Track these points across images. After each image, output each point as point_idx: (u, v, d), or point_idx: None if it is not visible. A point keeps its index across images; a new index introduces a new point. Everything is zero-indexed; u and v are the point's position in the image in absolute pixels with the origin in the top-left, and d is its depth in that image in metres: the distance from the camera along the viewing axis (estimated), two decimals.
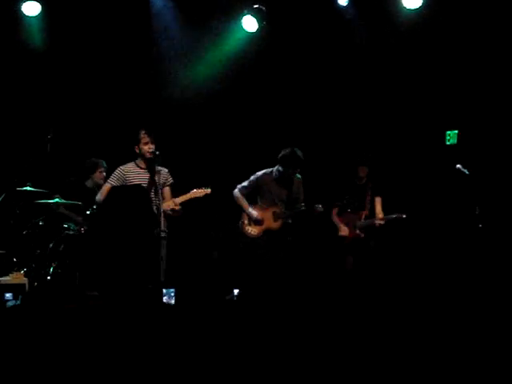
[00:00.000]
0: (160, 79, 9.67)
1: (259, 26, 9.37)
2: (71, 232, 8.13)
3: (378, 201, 8.29)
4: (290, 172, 7.83)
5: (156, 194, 7.16)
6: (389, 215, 8.11)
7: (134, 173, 7.27)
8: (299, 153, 7.72)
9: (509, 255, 8.20)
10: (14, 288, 7.42)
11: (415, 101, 9.19)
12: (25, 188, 8.02)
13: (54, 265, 7.96)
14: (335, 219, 8.41)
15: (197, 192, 7.31)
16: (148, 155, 7.18)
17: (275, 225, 7.94)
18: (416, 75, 9.17)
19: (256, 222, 7.96)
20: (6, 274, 7.72)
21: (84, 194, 8.44)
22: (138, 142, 7.24)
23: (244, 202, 8.01)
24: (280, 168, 7.86)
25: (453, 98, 8.98)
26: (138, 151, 7.27)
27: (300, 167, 7.85)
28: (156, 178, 7.19)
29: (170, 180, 7.40)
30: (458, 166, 7.82)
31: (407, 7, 8.83)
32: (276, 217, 7.95)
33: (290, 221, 7.99)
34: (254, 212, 7.97)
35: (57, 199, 8.02)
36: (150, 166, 7.26)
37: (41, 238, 8.16)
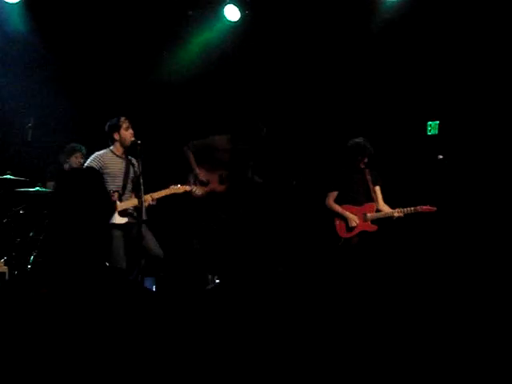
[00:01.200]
0: (142, 65, 9.59)
1: (242, 15, 9.34)
2: None
3: (378, 190, 8.04)
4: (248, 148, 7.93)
5: (133, 183, 7.15)
6: (408, 207, 7.76)
7: (111, 160, 7.20)
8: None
9: (492, 243, 8.23)
10: None
11: (396, 91, 9.21)
12: (5, 176, 7.97)
13: (34, 253, 7.94)
14: (337, 208, 7.96)
15: (176, 188, 7.26)
16: (128, 142, 7.14)
17: (220, 188, 7.97)
18: (397, 65, 9.18)
19: (201, 182, 7.97)
20: None
21: None
22: (118, 128, 7.18)
23: (192, 160, 8.01)
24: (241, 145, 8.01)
25: (434, 87, 8.99)
26: (117, 138, 7.20)
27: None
28: (132, 167, 7.19)
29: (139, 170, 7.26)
30: (440, 156, 7.85)
31: None
32: (221, 180, 7.96)
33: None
34: (200, 172, 7.98)
35: (38, 188, 7.99)
36: (129, 153, 7.23)
37: (21, 227, 8.13)
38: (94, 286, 2.59)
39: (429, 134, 9.06)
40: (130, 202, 7.07)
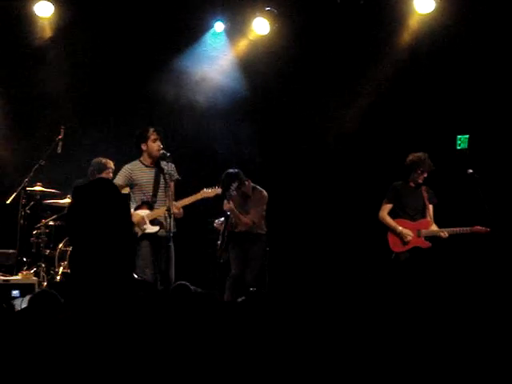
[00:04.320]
0: (167, 79, 9.63)
1: (271, 28, 9.36)
2: None
3: (431, 209, 7.86)
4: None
5: (164, 191, 7.13)
6: (455, 228, 7.66)
7: (140, 171, 7.23)
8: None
9: None
10: (23, 287, 7.44)
11: (425, 105, 9.14)
12: (35, 188, 8.06)
13: (63, 265, 8.01)
14: (390, 221, 7.78)
15: (207, 192, 7.27)
16: (156, 153, 7.16)
17: None
18: (426, 79, 9.14)
19: None
20: (16, 274, 7.76)
21: None
22: (145, 139, 7.21)
23: None
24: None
25: (464, 101, 8.92)
26: (145, 148, 7.23)
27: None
28: (163, 175, 7.14)
29: (176, 176, 7.27)
30: (470, 170, 7.77)
31: (419, 11, 8.80)
32: None
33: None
34: None
35: (67, 200, 8.06)
36: (158, 163, 7.24)
37: (50, 238, 8.20)
38: (120, 298, 2.58)
39: (458, 148, 8.96)
40: (160, 211, 7.05)
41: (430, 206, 7.90)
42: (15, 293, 7.22)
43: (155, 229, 7.07)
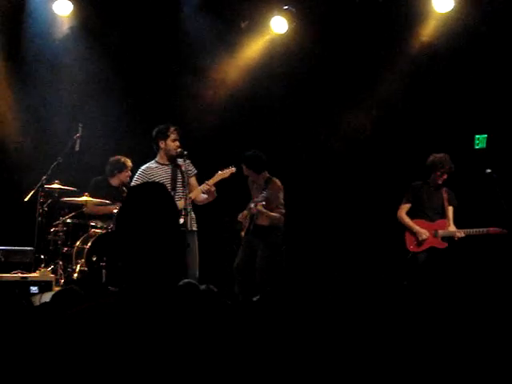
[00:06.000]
0: (185, 77, 9.64)
1: (289, 27, 9.35)
2: (98, 230, 8.20)
3: (450, 211, 7.87)
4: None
5: (183, 187, 7.13)
6: (472, 228, 7.66)
7: (155, 170, 7.26)
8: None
9: None
10: (41, 285, 7.48)
11: (443, 104, 9.10)
12: (53, 186, 8.09)
13: (80, 262, 8.04)
14: (408, 221, 7.83)
15: (222, 173, 7.28)
16: (173, 152, 7.17)
17: None
18: (445, 78, 9.09)
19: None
20: (34, 271, 7.80)
21: (110, 193, 8.49)
22: (165, 136, 7.21)
23: None
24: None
25: (482, 101, 8.87)
26: (162, 146, 7.24)
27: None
28: (180, 171, 7.18)
29: (194, 171, 7.34)
30: (488, 170, 7.74)
31: (438, 10, 8.76)
32: None
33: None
34: None
35: (85, 197, 8.09)
36: (173, 160, 7.25)
37: (68, 236, 8.23)
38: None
39: (476, 147, 8.92)
40: (179, 204, 7.01)
41: (450, 208, 7.87)
42: (34, 289, 7.27)
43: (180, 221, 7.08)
